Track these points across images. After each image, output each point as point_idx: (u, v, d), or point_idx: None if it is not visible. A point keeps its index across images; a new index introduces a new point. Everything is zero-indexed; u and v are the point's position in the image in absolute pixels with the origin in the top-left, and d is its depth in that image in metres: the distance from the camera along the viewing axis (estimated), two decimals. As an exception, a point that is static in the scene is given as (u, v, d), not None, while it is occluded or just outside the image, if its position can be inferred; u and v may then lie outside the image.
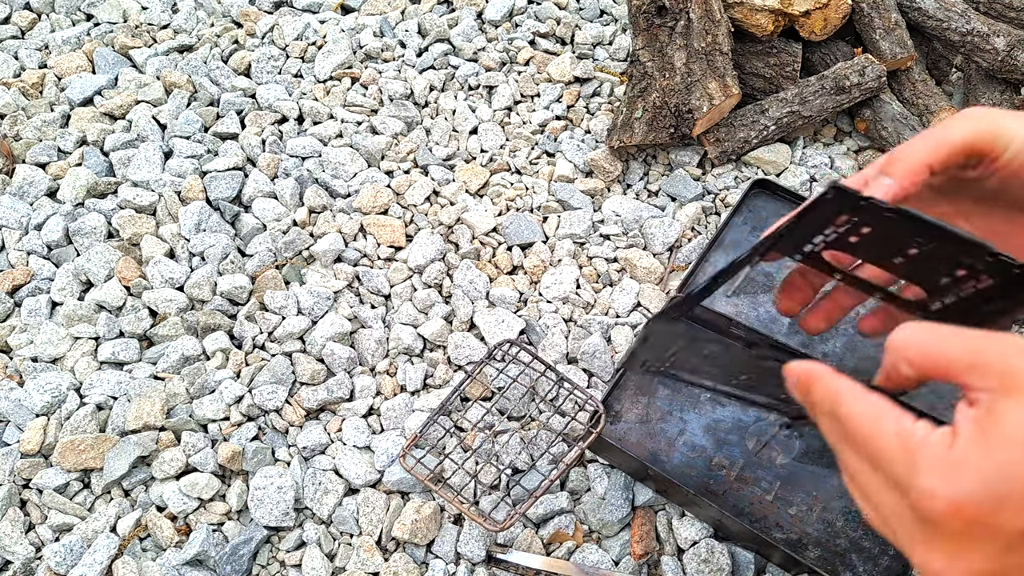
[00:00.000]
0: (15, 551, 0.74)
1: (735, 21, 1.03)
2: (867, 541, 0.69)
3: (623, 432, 0.77)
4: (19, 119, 1.10)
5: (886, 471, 0.30)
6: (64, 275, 0.93)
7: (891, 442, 0.29)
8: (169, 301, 0.89)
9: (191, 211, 0.96)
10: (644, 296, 0.90)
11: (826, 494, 0.72)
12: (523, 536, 0.73)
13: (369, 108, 1.11)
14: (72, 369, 0.86)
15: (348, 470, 0.77)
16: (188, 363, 0.86)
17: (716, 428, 0.76)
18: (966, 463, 0.27)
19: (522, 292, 0.92)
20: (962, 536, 0.27)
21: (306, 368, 0.83)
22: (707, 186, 1.01)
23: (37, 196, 1.01)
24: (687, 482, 0.72)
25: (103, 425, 0.82)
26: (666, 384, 0.79)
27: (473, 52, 1.18)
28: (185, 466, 0.78)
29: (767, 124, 1.01)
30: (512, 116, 1.11)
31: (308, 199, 0.98)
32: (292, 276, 0.93)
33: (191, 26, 1.25)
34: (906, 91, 1.06)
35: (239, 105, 1.10)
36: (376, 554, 0.73)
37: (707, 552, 0.70)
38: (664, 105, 0.98)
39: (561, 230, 0.97)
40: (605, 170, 1.02)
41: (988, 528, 0.26)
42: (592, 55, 1.18)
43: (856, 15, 1.06)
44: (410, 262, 0.93)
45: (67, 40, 1.22)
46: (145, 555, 0.74)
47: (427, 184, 1.01)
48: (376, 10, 1.26)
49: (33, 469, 0.78)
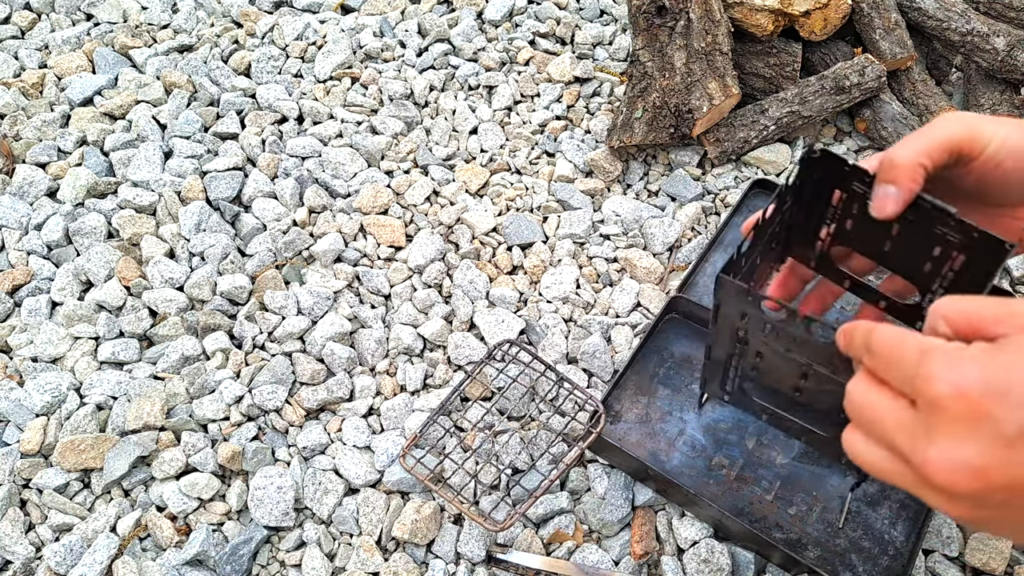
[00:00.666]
0: (15, 551, 0.74)
1: (735, 21, 1.03)
2: (867, 541, 0.69)
3: (623, 432, 0.77)
4: (19, 119, 1.10)
5: (896, 372, 0.31)
6: (64, 275, 0.93)
7: (910, 347, 0.31)
8: (169, 301, 0.89)
9: (191, 211, 0.96)
10: (644, 296, 0.90)
11: (826, 494, 0.72)
12: (523, 536, 0.73)
13: (369, 108, 1.11)
14: (72, 369, 0.86)
15: (348, 470, 0.77)
16: (188, 363, 0.86)
17: (716, 428, 0.76)
18: (974, 359, 0.28)
19: (522, 292, 0.92)
20: (963, 422, 0.27)
21: (306, 368, 0.83)
22: (707, 186, 1.01)
23: (37, 196, 1.01)
24: (687, 482, 0.72)
25: (103, 425, 0.82)
26: (666, 384, 0.80)
27: (473, 52, 1.18)
28: (185, 466, 0.78)
29: (767, 124, 1.01)
30: (512, 116, 1.11)
31: (308, 199, 0.98)
32: (292, 276, 0.93)
33: (191, 26, 1.25)
34: (906, 91, 1.06)
35: (239, 105, 1.10)
36: (376, 554, 0.73)
37: (707, 552, 0.70)
38: (664, 105, 0.98)
39: (561, 230, 0.97)
40: (605, 170, 1.02)
41: (989, 419, 0.27)
42: (592, 55, 1.18)
43: (856, 15, 1.06)
44: (410, 262, 0.93)
45: (67, 40, 1.22)
46: (145, 555, 0.74)
47: (427, 184, 1.01)
48: (376, 10, 1.26)
49: (33, 469, 0.78)
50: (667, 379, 0.80)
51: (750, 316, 0.51)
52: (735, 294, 0.49)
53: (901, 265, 0.55)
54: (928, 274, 0.53)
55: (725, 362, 0.61)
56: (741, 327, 0.53)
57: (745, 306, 0.50)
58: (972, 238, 0.48)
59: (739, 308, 0.51)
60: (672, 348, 0.82)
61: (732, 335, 0.56)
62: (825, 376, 0.51)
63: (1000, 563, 0.70)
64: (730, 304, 0.51)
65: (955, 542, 0.72)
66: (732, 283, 0.49)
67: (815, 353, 0.49)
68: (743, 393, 0.64)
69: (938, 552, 0.72)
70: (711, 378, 0.65)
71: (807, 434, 0.63)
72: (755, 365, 0.57)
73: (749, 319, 0.51)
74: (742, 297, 0.49)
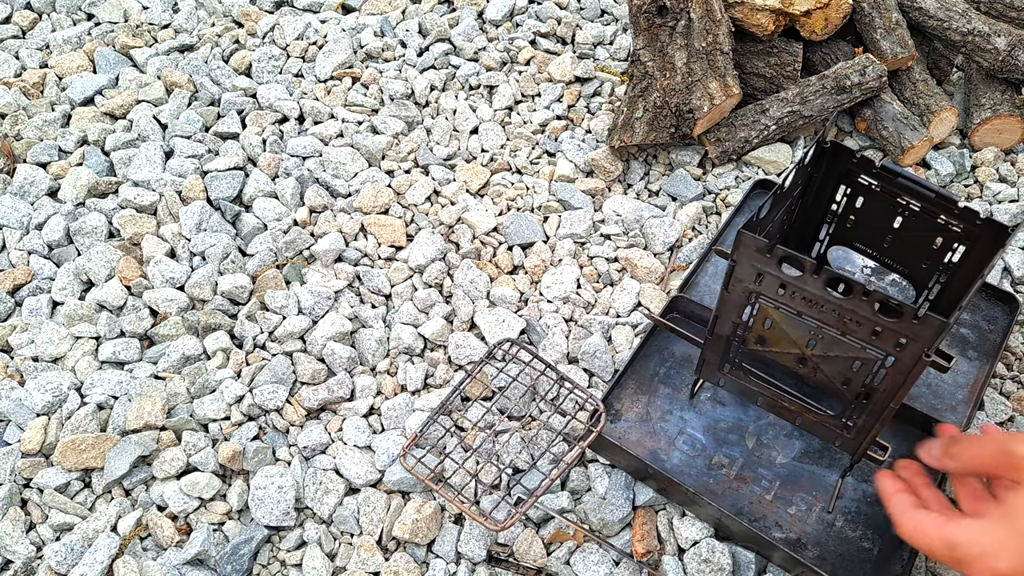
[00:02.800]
0: (16, 550, 0.74)
1: (736, 21, 1.03)
2: (866, 541, 0.69)
3: (623, 431, 0.77)
4: (20, 119, 1.10)
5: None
6: (65, 275, 0.93)
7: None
8: (170, 301, 0.89)
9: (192, 211, 0.96)
10: (645, 296, 0.90)
11: (826, 494, 0.72)
12: (524, 536, 0.73)
13: (370, 108, 1.11)
14: (73, 369, 0.86)
15: (349, 470, 0.77)
16: (189, 363, 0.86)
17: (716, 427, 0.76)
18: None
19: (523, 292, 0.92)
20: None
21: (307, 368, 0.84)
22: (708, 186, 1.01)
23: (38, 196, 1.01)
24: (686, 481, 0.72)
25: (104, 425, 0.82)
26: (667, 383, 0.80)
27: (474, 52, 1.18)
28: (186, 466, 0.78)
29: (768, 124, 1.01)
30: (513, 116, 1.11)
31: (309, 199, 0.99)
32: (293, 276, 0.93)
33: (192, 26, 1.25)
34: (907, 91, 1.06)
35: (240, 105, 1.11)
36: (377, 554, 0.73)
37: (708, 552, 0.70)
38: (665, 105, 0.98)
39: (562, 230, 0.97)
40: (606, 170, 1.02)
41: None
42: (593, 55, 1.18)
43: (857, 15, 1.06)
44: (411, 262, 0.93)
45: (68, 40, 1.22)
46: (146, 555, 0.74)
47: (428, 184, 1.01)
48: (377, 10, 1.26)
49: (34, 468, 0.78)
50: (667, 378, 0.80)
51: (766, 276, 0.51)
52: (755, 251, 0.50)
53: (900, 261, 0.56)
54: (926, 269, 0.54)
55: (730, 335, 0.61)
56: (755, 290, 0.54)
57: (763, 263, 0.50)
58: (976, 224, 0.49)
59: (756, 267, 0.51)
60: (672, 347, 0.82)
61: (742, 302, 0.56)
62: (833, 340, 0.52)
63: (1001, 563, 0.70)
64: (746, 265, 0.52)
65: (956, 542, 0.72)
66: (753, 238, 0.49)
67: (828, 314, 0.50)
68: (742, 372, 0.64)
69: (939, 552, 0.72)
70: (710, 359, 0.65)
71: (804, 415, 0.63)
72: (762, 335, 0.58)
73: (764, 280, 0.52)
74: (762, 254, 0.50)
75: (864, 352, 0.53)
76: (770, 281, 0.51)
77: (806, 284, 0.49)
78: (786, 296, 0.51)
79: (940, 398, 0.78)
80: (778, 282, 0.51)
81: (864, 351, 0.53)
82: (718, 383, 0.69)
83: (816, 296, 0.49)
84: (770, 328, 0.56)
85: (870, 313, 0.48)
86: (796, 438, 0.76)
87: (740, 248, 0.50)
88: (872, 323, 0.48)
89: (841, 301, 0.48)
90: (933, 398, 0.78)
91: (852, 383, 0.56)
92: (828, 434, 0.65)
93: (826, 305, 0.49)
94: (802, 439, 0.75)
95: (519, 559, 0.72)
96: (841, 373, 0.55)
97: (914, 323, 0.47)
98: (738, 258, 0.52)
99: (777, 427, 0.76)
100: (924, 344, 0.48)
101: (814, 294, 0.49)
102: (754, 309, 0.56)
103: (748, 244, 0.50)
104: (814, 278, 0.48)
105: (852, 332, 0.50)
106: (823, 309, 0.50)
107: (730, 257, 0.52)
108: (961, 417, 0.76)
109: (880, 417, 0.56)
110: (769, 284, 0.52)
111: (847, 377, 0.55)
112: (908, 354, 0.50)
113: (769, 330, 0.57)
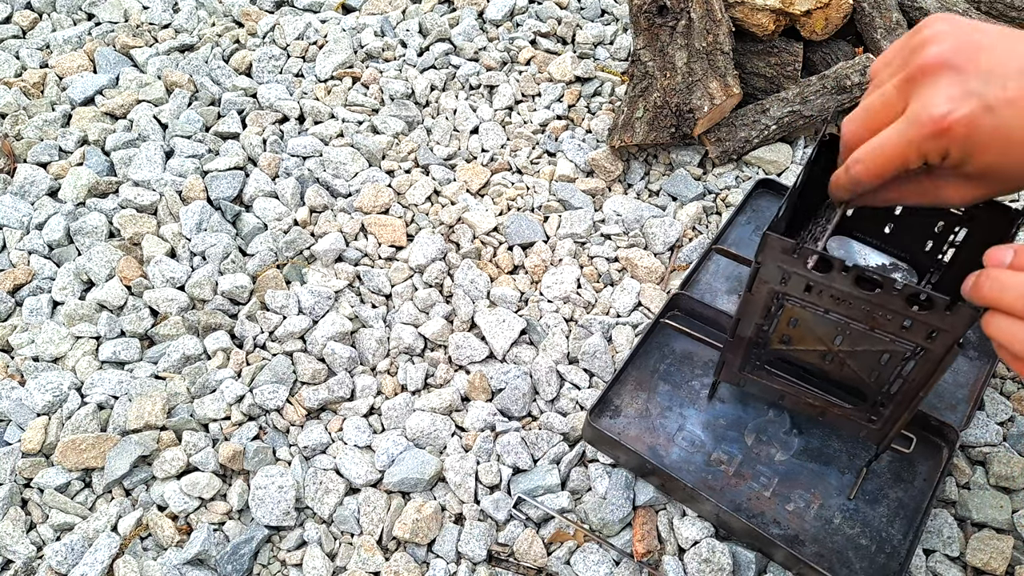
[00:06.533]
0: (16, 550, 0.74)
1: (736, 21, 1.03)
2: (864, 539, 0.69)
3: (623, 427, 0.77)
4: (20, 119, 1.10)
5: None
6: (65, 274, 0.93)
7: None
8: (170, 300, 0.89)
9: (192, 210, 0.97)
10: (645, 296, 0.90)
11: (824, 491, 0.72)
12: (524, 536, 0.73)
13: (370, 107, 1.11)
14: (73, 368, 0.86)
15: (349, 469, 0.77)
16: (189, 362, 0.86)
17: (715, 424, 0.77)
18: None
19: (523, 292, 0.92)
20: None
21: (307, 367, 0.84)
22: (708, 186, 1.02)
23: (38, 196, 1.01)
24: (685, 477, 0.72)
25: (104, 424, 0.82)
26: (667, 380, 0.80)
27: (474, 52, 1.18)
28: (186, 465, 0.78)
29: (768, 124, 1.01)
30: (513, 116, 1.11)
31: (309, 198, 0.99)
32: (293, 275, 0.93)
33: (192, 25, 1.25)
34: (907, 90, 1.06)
35: (240, 104, 1.11)
36: (377, 553, 0.73)
37: (708, 551, 0.70)
38: (665, 105, 0.98)
39: (562, 230, 0.97)
40: (606, 170, 1.02)
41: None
42: (593, 55, 1.18)
43: (857, 14, 1.06)
44: (411, 262, 0.93)
45: (68, 40, 1.22)
46: (146, 554, 0.74)
47: (428, 184, 1.01)
48: (377, 9, 1.26)
49: (34, 468, 0.78)
50: (667, 375, 0.80)
51: (791, 276, 0.51)
52: (781, 252, 0.50)
53: (902, 248, 0.57)
54: (929, 252, 0.55)
55: (752, 336, 0.61)
56: (780, 291, 0.54)
57: (790, 264, 0.50)
58: (976, 208, 0.49)
59: (782, 268, 0.51)
60: (673, 344, 0.82)
61: (766, 303, 0.56)
62: (861, 334, 0.52)
63: (1001, 563, 0.70)
64: (771, 267, 0.52)
65: (956, 542, 0.72)
66: (779, 239, 0.49)
67: (857, 310, 0.50)
68: (765, 373, 0.64)
69: (939, 552, 0.72)
70: (730, 361, 0.65)
71: (829, 410, 0.63)
72: (786, 335, 0.58)
73: (789, 280, 0.52)
74: (788, 255, 0.50)
75: (893, 345, 0.53)
76: (796, 281, 0.51)
77: (835, 282, 0.49)
78: (813, 295, 0.51)
79: (940, 398, 0.78)
80: (805, 282, 0.51)
81: (893, 344, 0.53)
82: (739, 384, 0.69)
83: (845, 293, 0.49)
84: (795, 327, 0.57)
85: (901, 307, 0.49)
86: (794, 436, 0.76)
87: (766, 249, 0.51)
88: (903, 316, 0.49)
89: (871, 297, 0.48)
90: (933, 397, 0.78)
91: (880, 376, 0.56)
92: (855, 427, 0.65)
93: (855, 301, 0.50)
94: (801, 437, 0.76)
95: (519, 559, 0.72)
96: (869, 367, 0.56)
97: (946, 314, 0.47)
98: (763, 260, 0.52)
99: (776, 424, 0.76)
100: (956, 334, 0.49)
101: (843, 291, 0.49)
102: (778, 310, 0.57)
103: (774, 245, 0.50)
104: (843, 276, 0.48)
105: (882, 326, 0.51)
106: (851, 305, 0.50)
107: (755, 259, 0.52)
108: (961, 417, 0.76)
109: (909, 407, 0.57)
110: (795, 284, 0.52)
111: (875, 370, 0.56)
112: (939, 344, 0.50)
113: (794, 329, 0.57)
